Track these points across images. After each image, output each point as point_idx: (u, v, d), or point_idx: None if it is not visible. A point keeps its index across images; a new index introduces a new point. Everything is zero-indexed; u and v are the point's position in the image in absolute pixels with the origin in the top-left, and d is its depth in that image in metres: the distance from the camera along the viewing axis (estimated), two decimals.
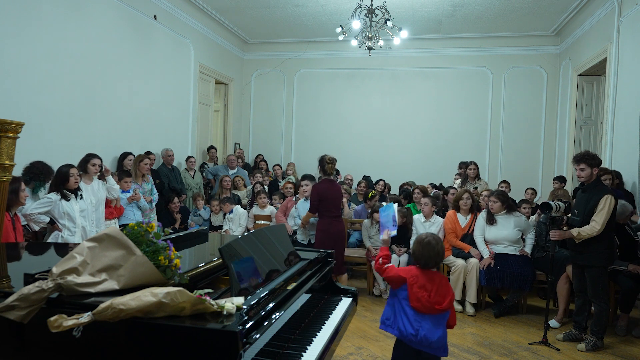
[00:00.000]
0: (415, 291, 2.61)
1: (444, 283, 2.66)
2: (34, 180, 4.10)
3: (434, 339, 2.56)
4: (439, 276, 2.69)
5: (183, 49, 7.84)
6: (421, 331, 2.57)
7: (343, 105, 9.83)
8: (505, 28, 8.56)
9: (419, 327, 2.57)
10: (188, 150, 8.03)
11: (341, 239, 4.92)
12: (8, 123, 2.28)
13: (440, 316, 2.61)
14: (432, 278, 2.64)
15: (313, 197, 4.86)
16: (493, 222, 4.96)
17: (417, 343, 2.58)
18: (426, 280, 2.63)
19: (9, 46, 4.60)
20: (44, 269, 1.67)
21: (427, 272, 2.67)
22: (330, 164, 4.87)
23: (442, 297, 2.59)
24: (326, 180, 4.88)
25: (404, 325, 2.62)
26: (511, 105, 9.11)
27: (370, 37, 6.51)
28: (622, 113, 6.07)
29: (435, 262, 2.66)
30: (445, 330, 2.63)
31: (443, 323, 2.63)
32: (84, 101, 5.63)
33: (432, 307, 2.58)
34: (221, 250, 1.81)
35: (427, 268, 2.68)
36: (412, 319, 2.60)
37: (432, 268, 2.68)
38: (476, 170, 6.76)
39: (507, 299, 5.01)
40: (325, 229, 4.81)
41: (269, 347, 1.77)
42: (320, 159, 4.93)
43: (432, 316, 2.59)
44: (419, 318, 2.59)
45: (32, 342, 1.58)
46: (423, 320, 2.58)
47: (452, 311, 2.69)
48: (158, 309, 1.45)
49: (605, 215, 3.82)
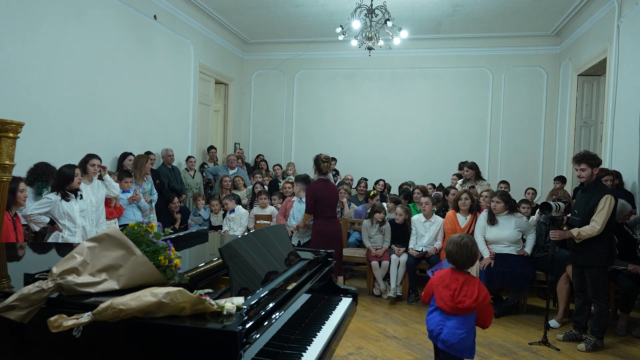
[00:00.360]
0: (439, 291, 2.70)
1: (470, 283, 2.70)
2: (37, 181, 4.10)
3: (454, 340, 2.60)
4: (465, 276, 2.73)
5: (183, 49, 7.84)
6: (444, 330, 2.63)
7: (343, 105, 9.83)
8: (505, 28, 8.56)
9: (443, 326, 2.64)
10: (188, 150, 8.03)
11: (337, 239, 4.83)
12: (8, 123, 2.28)
13: (465, 317, 2.64)
14: (457, 278, 2.70)
15: (308, 197, 4.79)
16: (494, 222, 4.96)
17: (440, 342, 2.65)
18: (451, 280, 2.70)
19: (9, 46, 4.60)
20: (44, 269, 1.67)
21: (454, 272, 2.74)
22: (325, 163, 4.79)
23: (466, 297, 2.62)
24: (321, 180, 4.81)
25: (430, 326, 2.73)
26: (511, 105, 9.11)
27: (370, 37, 6.51)
28: (622, 113, 6.07)
29: (472, 263, 2.73)
30: (471, 332, 2.65)
31: (468, 324, 2.65)
32: (84, 101, 5.63)
33: (455, 306, 2.61)
34: (221, 250, 1.81)
35: (462, 269, 2.74)
36: (438, 319, 2.68)
37: (467, 268, 2.74)
38: (471, 171, 6.64)
39: (507, 299, 5.01)
40: (321, 229, 4.75)
41: (269, 347, 1.77)
42: (316, 158, 4.86)
43: (457, 317, 2.63)
44: (444, 318, 2.65)
45: (32, 342, 1.58)
46: (448, 320, 2.64)
47: (486, 312, 2.70)
48: (158, 309, 1.45)
49: (605, 215, 3.82)
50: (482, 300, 2.66)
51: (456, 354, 2.64)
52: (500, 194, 5.07)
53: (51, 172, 4.21)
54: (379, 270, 5.40)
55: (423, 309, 5.10)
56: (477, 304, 2.64)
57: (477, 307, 2.64)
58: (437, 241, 5.35)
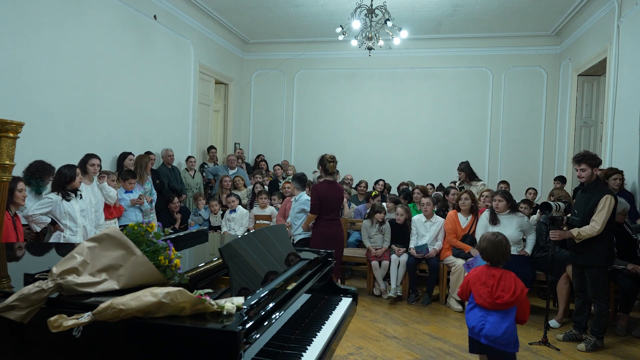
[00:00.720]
0: (477, 288, 2.77)
1: (506, 278, 2.75)
2: (32, 179, 4.09)
3: (498, 334, 2.65)
4: (501, 272, 2.78)
5: (183, 49, 7.84)
6: (486, 326, 2.68)
7: (343, 105, 9.83)
8: (505, 28, 8.56)
9: (484, 322, 2.70)
10: (188, 150, 8.03)
11: (338, 242, 4.74)
12: (8, 123, 2.28)
13: (506, 311, 2.69)
14: (493, 274, 2.77)
15: (313, 197, 4.70)
16: (496, 222, 4.96)
17: (484, 338, 2.69)
18: (487, 277, 2.76)
19: (9, 46, 4.60)
20: (44, 269, 1.67)
21: (490, 269, 2.80)
22: (331, 163, 4.71)
23: (503, 292, 2.68)
24: (327, 181, 4.73)
25: (470, 323, 2.78)
26: (511, 105, 9.11)
27: (370, 37, 6.51)
28: (622, 113, 6.07)
29: (505, 259, 2.79)
30: (512, 325, 2.70)
31: (509, 318, 2.69)
32: (84, 101, 5.63)
33: (494, 301, 2.67)
34: (221, 250, 1.81)
35: (496, 265, 2.80)
36: (478, 316, 2.74)
37: (500, 265, 2.79)
38: (463, 174, 6.64)
39: None
40: (322, 230, 4.68)
41: (269, 347, 1.77)
42: (321, 158, 4.78)
43: (497, 312, 2.68)
44: (485, 314, 2.71)
45: (32, 342, 1.58)
46: (488, 315, 2.70)
47: (524, 306, 2.74)
48: (158, 309, 1.45)
49: (605, 215, 3.82)
50: (520, 293, 2.71)
51: (502, 348, 2.69)
52: (502, 193, 5.07)
53: (46, 169, 4.20)
54: (379, 270, 5.40)
55: (423, 308, 5.11)
56: (516, 298, 2.70)
57: (516, 301, 2.70)
58: (437, 241, 5.35)
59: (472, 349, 2.90)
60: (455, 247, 5.20)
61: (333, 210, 4.74)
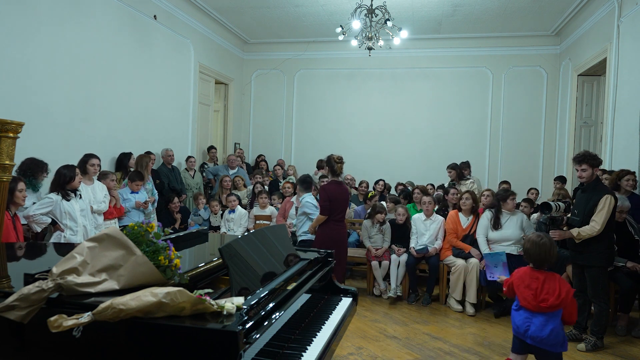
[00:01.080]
0: (521, 291, 2.77)
1: (551, 281, 2.74)
2: (25, 177, 4.09)
3: (544, 335, 2.66)
4: (546, 274, 2.77)
5: (183, 49, 7.84)
6: (531, 327, 2.69)
7: (343, 105, 9.83)
8: (505, 28, 8.56)
9: (530, 323, 2.70)
10: (188, 150, 8.03)
11: (343, 244, 4.69)
12: (8, 123, 2.28)
13: (551, 313, 2.69)
14: (537, 277, 2.76)
15: (323, 198, 4.62)
16: (498, 227, 4.96)
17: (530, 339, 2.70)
18: (531, 280, 2.75)
19: (9, 46, 4.60)
20: (44, 269, 1.67)
21: (534, 271, 2.79)
22: (339, 164, 4.65)
23: (548, 295, 2.68)
24: (335, 182, 4.67)
25: (516, 323, 2.79)
26: (511, 105, 9.11)
27: (370, 37, 6.51)
28: (622, 113, 6.07)
29: (550, 262, 2.77)
30: (558, 326, 2.69)
31: (555, 319, 2.69)
32: (84, 101, 5.63)
33: (538, 304, 2.68)
34: (221, 250, 1.81)
35: (539, 268, 2.78)
36: (523, 316, 2.74)
37: (544, 267, 2.78)
38: (453, 172, 6.92)
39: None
40: (327, 232, 4.60)
41: (269, 347, 1.77)
42: (328, 158, 4.71)
43: (542, 313, 2.68)
44: (530, 315, 2.72)
45: (32, 342, 1.58)
46: (533, 317, 2.70)
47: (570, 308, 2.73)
48: (158, 309, 1.45)
49: (605, 215, 3.82)
50: (566, 296, 2.70)
51: (549, 348, 2.70)
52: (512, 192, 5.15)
53: (39, 166, 4.20)
54: (379, 270, 5.40)
55: (423, 308, 5.11)
56: (561, 301, 2.69)
57: (562, 304, 2.69)
58: (437, 240, 5.35)
59: (516, 348, 2.90)
60: (456, 247, 5.20)
61: (340, 212, 4.68)
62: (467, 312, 4.94)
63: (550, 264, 2.80)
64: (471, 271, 4.95)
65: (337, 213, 4.64)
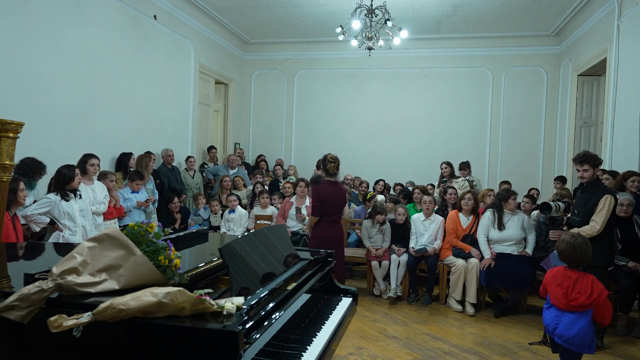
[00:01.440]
0: (552, 289, 2.81)
1: (583, 280, 2.76)
2: (24, 177, 4.09)
3: (571, 334, 2.67)
4: (578, 273, 2.80)
5: (183, 49, 7.84)
6: (560, 325, 2.72)
7: (343, 105, 9.83)
8: (505, 28, 8.56)
9: (558, 322, 2.74)
10: (188, 150, 8.03)
11: (338, 244, 4.58)
12: (8, 123, 2.28)
13: (581, 313, 2.71)
14: (569, 276, 2.79)
15: (314, 198, 4.57)
16: (502, 227, 4.96)
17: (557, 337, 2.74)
18: (563, 279, 2.79)
19: (9, 46, 4.60)
20: (44, 269, 1.67)
21: (567, 270, 2.82)
22: (332, 163, 4.51)
23: (579, 294, 2.70)
24: (328, 182, 4.58)
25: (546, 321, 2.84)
26: (511, 105, 9.11)
27: (370, 37, 6.51)
28: (622, 113, 6.07)
29: (585, 262, 2.81)
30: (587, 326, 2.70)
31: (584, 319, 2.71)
32: (84, 101, 5.63)
33: (568, 303, 2.71)
34: (221, 250, 1.81)
35: (574, 268, 2.82)
36: (553, 314, 2.79)
37: (579, 267, 2.82)
38: (449, 169, 7.07)
39: (507, 299, 5.01)
40: (322, 233, 4.49)
41: (269, 347, 1.77)
42: (322, 158, 4.64)
43: (571, 312, 2.71)
44: (559, 313, 2.75)
45: (32, 342, 1.58)
46: (562, 315, 2.73)
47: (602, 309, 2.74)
48: (158, 309, 1.45)
49: (605, 215, 3.82)
50: (597, 297, 2.71)
51: (575, 349, 2.71)
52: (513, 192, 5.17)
53: (39, 167, 4.20)
54: (379, 270, 5.40)
55: (423, 308, 5.11)
56: (592, 301, 2.70)
57: (592, 304, 2.71)
58: (437, 240, 5.35)
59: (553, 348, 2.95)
60: (456, 247, 5.20)
61: (335, 212, 4.57)
62: (467, 312, 4.94)
63: (585, 264, 2.83)
64: (471, 271, 4.95)
65: (330, 214, 4.52)
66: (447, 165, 7.14)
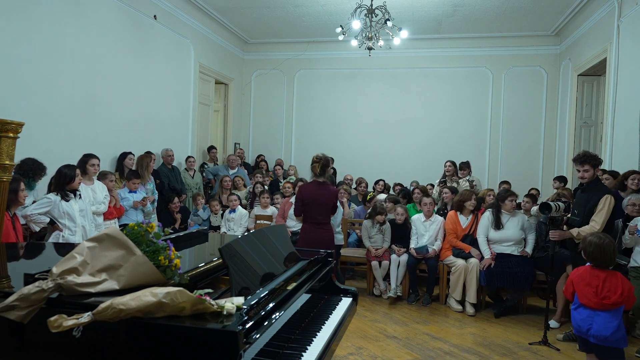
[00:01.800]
0: (581, 288, 2.82)
1: (612, 278, 2.78)
2: (24, 177, 4.09)
3: (608, 333, 2.69)
4: (606, 272, 2.82)
5: (183, 49, 7.84)
6: (594, 326, 2.72)
7: (343, 105, 9.83)
8: (505, 28, 8.55)
9: (592, 322, 2.74)
10: (188, 150, 8.03)
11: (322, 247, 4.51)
12: (8, 123, 2.28)
13: (614, 310, 2.73)
14: (597, 275, 2.80)
15: (296, 198, 4.46)
16: (500, 227, 4.97)
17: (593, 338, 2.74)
18: (591, 278, 2.80)
19: (9, 46, 4.60)
20: (44, 269, 1.67)
21: (594, 270, 2.84)
22: (316, 164, 4.34)
23: (610, 292, 2.72)
24: (314, 182, 4.41)
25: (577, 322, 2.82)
26: (511, 105, 9.11)
27: (370, 37, 6.51)
28: (622, 113, 6.07)
29: (612, 263, 2.83)
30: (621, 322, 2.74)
31: (617, 316, 2.73)
32: (84, 101, 5.63)
33: (600, 302, 2.72)
34: (221, 250, 1.81)
35: (601, 268, 2.83)
36: (584, 315, 2.78)
37: (606, 267, 2.83)
38: (452, 168, 7.01)
39: (507, 299, 5.01)
40: (307, 236, 4.32)
41: (269, 347, 1.77)
42: None
43: (604, 311, 2.72)
44: (591, 314, 2.75)
45: (32, 342, 1.58)
46: (596, 316, 2.74)
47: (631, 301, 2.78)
48: (158, 309, 1.45)
49: (605, 215, 3.82)
50: (628, 293, 2.75)
51: (614, 345, 2.74)
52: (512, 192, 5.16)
53: (39, 167, 4.21)
54: (379, 270, 5.40)
55: (423, 308, 5.11)
56: (624, 298, 2.74)
57: (624, 301, 2.74)
58: (437, 241, 5.35)
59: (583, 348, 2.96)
60: (456, 247, 5.20)
61: (319, 214, 4.34)
62: (467, 312, 4.94)
63: (612, 265, 2.86)
64: (471, 271, 4.95)
65: (314, 216, 4.34)
66: (452, 164, 7.09)
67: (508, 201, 4.98)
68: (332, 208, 4.44)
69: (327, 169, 4.41)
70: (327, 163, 4.40)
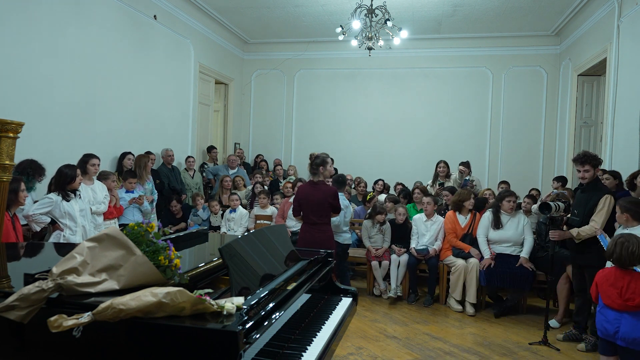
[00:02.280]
0: (605, 289, 2.79)
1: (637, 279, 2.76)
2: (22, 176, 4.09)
3: (637, 335, 2.66)
4: (632, 274, 2.79)
5: (183, 49, 7.84)
6: (622, 328, 2.69)
7: (343, 105, 9.83)
8: (505, 28, 8.55)
9: (619, 325, 2.71)
10: (188, 150, 8.03)
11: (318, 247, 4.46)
12: (8, 123, 2.28)
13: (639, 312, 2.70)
14: (622, 276, 2.78)
15: (294, 199, 4.46)
16: (499, 226, 4.96)
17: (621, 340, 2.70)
18: (616, 278, 2.78)
19: (9, 46, 4.60)
20: (44, 269, 1.67)
21: (619, 271, 2.81)
22: (310, 163, 4.33)
23: (635, 294, 2.70)
24: (309, 182, 4.41)
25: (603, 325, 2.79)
26: (511, 105, 9.11)
27: (370, 37, 6.51)
28: (622, 113, 6.07)
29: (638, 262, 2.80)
30: None
31: None
32: (84, 101, 5.63)
33: (624, 303, 2.69)
34: (221, 250, 1.81)
35: (625, 267, 2.82)
36: (610, 318, 2.75)
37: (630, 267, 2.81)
38: (446, 169, 6.94)
39: (507, 299, 5.02)
40: (304, 236, 4.30)
41: (269, 347, 1.77)
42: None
43: (631, 314, 2.69)
44: (618, 316, 2.72)
45: (32, 342, 1.58)
46: (622, 318, 2.70)
47: None
48: (158, 309, 1.45)
49: (604, 215, 3.82)
50: None
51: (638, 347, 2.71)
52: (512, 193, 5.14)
53: (37, 167, 4.21)
54: (379, 270, 5.40)
55: (423, 309, 5.11)
56: None
57: None
58: (437, 241, 5.35)
59: (605, 350, 2.91)
60: (456, 247, 5.20)
61: (312, 214, 4.29)
62: (467, 312, 4.94)
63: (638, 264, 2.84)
64: (471, 271, 4.95)
65: (309, 216, 4.29)
66: (445, 165, 7.05)
67: (506, 201, 4.97)
68: (328, 208, 4.31)
69: (321, 168, 4.30)
70: (322, 162, 4.30)
